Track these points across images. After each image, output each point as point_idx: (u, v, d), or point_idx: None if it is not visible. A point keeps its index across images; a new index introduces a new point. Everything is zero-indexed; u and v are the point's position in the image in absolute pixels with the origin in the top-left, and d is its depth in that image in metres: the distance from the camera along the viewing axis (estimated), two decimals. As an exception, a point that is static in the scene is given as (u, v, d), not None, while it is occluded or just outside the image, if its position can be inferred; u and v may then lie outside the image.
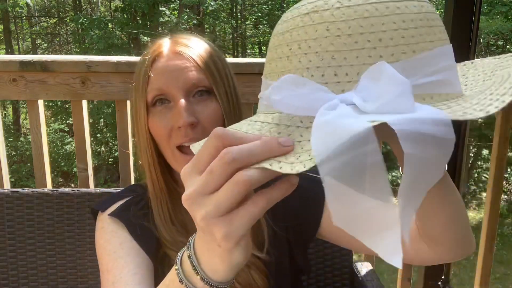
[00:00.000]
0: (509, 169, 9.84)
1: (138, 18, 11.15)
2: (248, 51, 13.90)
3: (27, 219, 1.27)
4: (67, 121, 11.62)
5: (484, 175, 10.58)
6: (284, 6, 13.28)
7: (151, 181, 0.89)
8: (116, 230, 0.87)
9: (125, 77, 1.49)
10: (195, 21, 11.57)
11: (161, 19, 10.92)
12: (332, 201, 0.38)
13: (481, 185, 10.28)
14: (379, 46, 0.44)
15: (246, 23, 13.73)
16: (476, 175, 10.81)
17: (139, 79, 0.86)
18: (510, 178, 10.15)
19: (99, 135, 11.37)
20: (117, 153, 1.61)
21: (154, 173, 0.89)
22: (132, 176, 1.60)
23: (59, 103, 11.17)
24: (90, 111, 9.54)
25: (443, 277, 1.73)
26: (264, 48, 14.09)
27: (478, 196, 10.00)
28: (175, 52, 0.85)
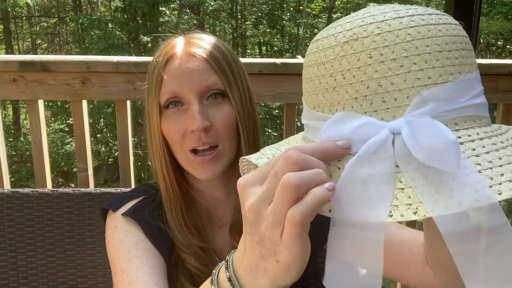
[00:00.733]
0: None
1: (138, 18, 11.15)
2: (248, 51, 13.89)
3: (27, 219, 1.26)
4: (67, 121, 11.62)
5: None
6: (284, 6, 13.28)
7: (164, 183, 0.88)
8: (130, 230, 0.86)
9: (125, 77, 1.49)
10: (195, 21, 11.57)
11: (161, 19, 10.92)
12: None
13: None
14: (426, 68, 0.44)
15: (246, 23, 13.73)
16: (476, 175, 10.77)
17: (152, 81, 0.85)
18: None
19: (99, 135, 11.37)
20: (117, 153, 1.61)
21: (167, 175, 0.87)
22: (132, 176, 1.60)
23: (59, 103, 11.17)
24: (90, 111, 9.53)
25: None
26: (264, 48, 14.08)
27: (478, 196, 9.97)
28: (189, 54, 0.83)
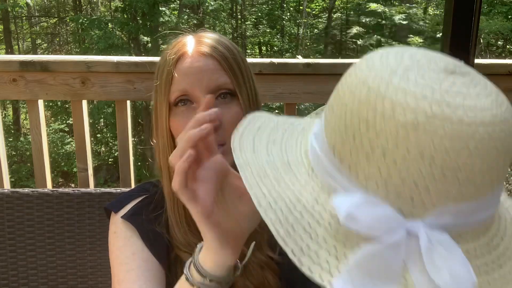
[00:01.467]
0: (509, 169, 9.84)
1: (138, 18, 11.14)
2: (248, 51, 13.88)
3: (27, 219, 1.26)
4: (67, 121, 11.60)
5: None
6: (284, 6, 13.27)
7: (169, 180, 0.88)
8: (130, 238, 0.87)
9: (125, 77, 1.49)
10: (195, 21, 11.57)
11: (161, 19, 10.91)
12: None
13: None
14: (466, 185, 0.42)
15: (246, 23, 13.72)
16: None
17: (162, 79, 0.86)
18: (510, 178, 10.16)
19: (99, 135, 11.35)
20: (117, 153, 1.61)
21: (173, 172, 0.88)
22: (132, 176, 1.60)
23: (59, 103, 11.15)
24: (90, 111, 9.53)
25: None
26: (264, 48, 14.08)
27: (478, 196, 9.98)
28: (200, 53, 0.84)
